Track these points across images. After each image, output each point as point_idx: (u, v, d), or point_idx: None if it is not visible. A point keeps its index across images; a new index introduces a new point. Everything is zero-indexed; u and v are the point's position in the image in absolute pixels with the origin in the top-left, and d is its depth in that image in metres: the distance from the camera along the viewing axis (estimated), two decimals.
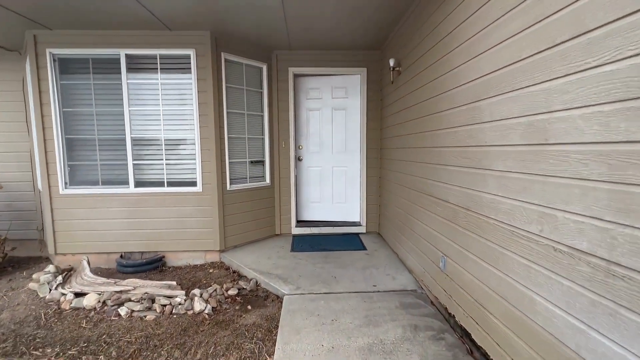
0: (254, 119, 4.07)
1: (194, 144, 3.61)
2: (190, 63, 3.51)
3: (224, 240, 3.77)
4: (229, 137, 3.78)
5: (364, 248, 3.87)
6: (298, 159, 4.57)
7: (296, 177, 4.59)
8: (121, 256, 3.64)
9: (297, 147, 4.58)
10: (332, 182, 4.59)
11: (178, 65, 3.54)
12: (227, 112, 3.75)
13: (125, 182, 3.59)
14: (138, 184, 3.62)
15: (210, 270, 3.56)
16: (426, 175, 2.72)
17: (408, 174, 3.21)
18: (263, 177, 4.23)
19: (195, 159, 3.62)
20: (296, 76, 4.47)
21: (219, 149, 3.65)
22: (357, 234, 4.43)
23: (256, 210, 4.12)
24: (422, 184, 2.81)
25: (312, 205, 4.66)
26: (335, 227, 4.45)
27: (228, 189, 3.78)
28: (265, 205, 4.23)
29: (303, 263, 3.42)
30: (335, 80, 4.41)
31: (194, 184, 3.66)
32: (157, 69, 3.51)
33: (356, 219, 4.60)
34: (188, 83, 3.54)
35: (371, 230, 4.51)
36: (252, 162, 4.07)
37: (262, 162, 4.20)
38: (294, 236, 4.37)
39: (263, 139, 4.18)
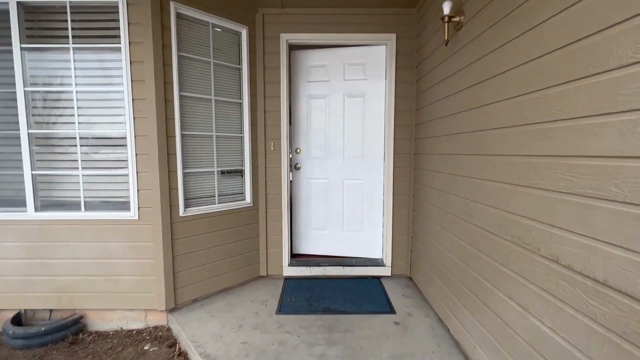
0: (228, 108, 2.75)
1: (126, 144, 2.31)
2: (118, 17, 2.22)
3: (173, 293, 2.45)
4: (183, 135, 2.46)
5: (391, 310, 2.47)
6: (295, 167, 3.22)
7: (291, 193, 3.24)
8: (15, 317, 2.36)
9: (294, 151, 3.22)
10: (342, 201, 3.21)
11: (100, 24, 2.25)
12: (181, 96, 2.44)
13: (21, 204, 2.33)
14: (43, 206, 2.34)
15: (147, 347, 2.24)
16: (527, 212, 1.31)
17: (471, 200, 1.80)
18: (241, 195, 2.89)
19: (127, 168, 2.32)
20: (292, 47, 3.12)
21: (165, 152, 2.34)
22: (378, 279, 3.03)
23: (230, 244, 2.79)
24: (511, 224, 1.41)
25: (314, 233, 3.29)
26: (346, 267, 3.06)
27: (182, 214, 2.46)
28: (244, 235, 2.89)
29: (292, 343, 2.05)
30: (349, 53, 3.04)
31: (125, 206, 2.35)
32: (67, 27, 2.23)
33: (377, 254, 3.20)
34: (115, 48, 2.25)
35: (399, 272, 3.09)
36: (223, 172, 2.75)
37: (239, 173, 2.86)
38: (287, 280, 3.01)
39: (242, 138, 2.85)
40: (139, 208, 2.33)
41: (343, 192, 3.20)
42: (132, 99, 2.25)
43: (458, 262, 1.99)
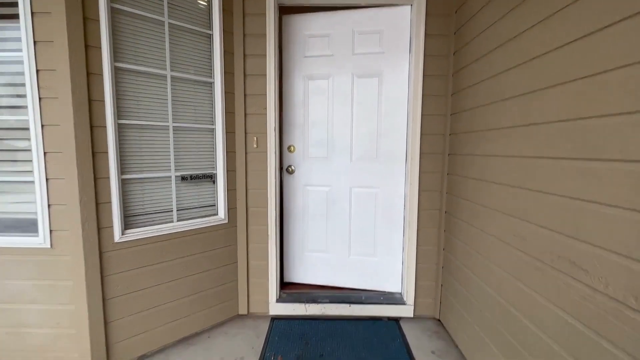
0: (192, 89, 1.99)
1: (29, 138, 1.57)
2: None
3: (105, 352, 1.71)
4: (120, 125, 1.71)
5: None
6: (287, 170, 2.45)
7: (281, 204, 2.47)
8: None
9: (286, 150, 2.45)
10: (349, 215, 2.43)
11: None
12: (116, 69, 1.68)
13: None
14: None
15: None
16: None
17: (572, 237, 0.99)
18: (212, 208, 2.14)
19: (32, 174, 1.58)
20: (284, 10, 2.35)
21: (88, 150, 1.59)
22: (396, 321, 2.25)
23: (196, 276, 2.04)
24: None
25: (311, 257, 2.52)
26: (354, 305, 2.29)
27: (118, 239, 1.71)
28: (215, 262, 2.13)
29: None
30: (360, 17, 2.25)
31: (31, 227, 1.62)
32: None
33: (394, 287, 2.41)
34: None
35: (425, 313, 2.31)
36: (185, 178, 1.99)
37: (209, 179, 2.10)
38: (274, 321, 2.25)
39: (213, 131, 2.09)
40: (51, 232, 1.59)
41: (350, 203, 2.42)
42: (37, 70, 1.51)
43: (532, 328, 1.20)
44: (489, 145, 1.60)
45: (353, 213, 2.42)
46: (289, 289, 2.44)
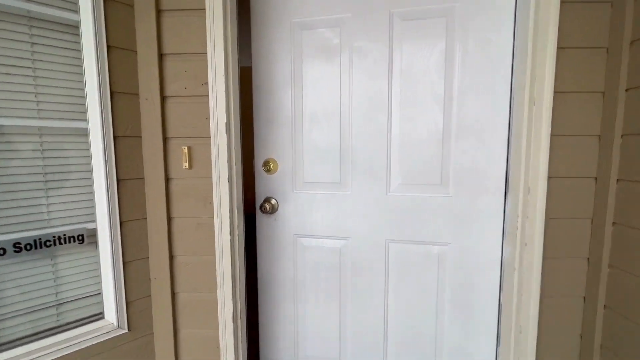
0: (24, 40, 0.84)
1: None
2: None
3: None
4: None
5: None
6: (262, 209, 1.25)
7: (253, 272, 1.30)
8: None
9: (261, 168, 1.27)
10: (384, 296, 1.22)
11: None
12: None
13: None
14: None
15: None
16: None
17: None
18: (90, 307, 0.98)
19: None
20: None
21: None
22: None
23: None
24: None
25: None
26: None
27: None
28: None
29: None
30: None
31: None
32: None
33: None
34: None
35: None
36: (18, 249, 0.84)
37: (79, 242, 0.95)
38: None
39: (85, 133, 0.94)
40: None
41: (387, 273, 1.22)
42: None
43: None
44: None
45: (393, 292, 1.22)
46: None
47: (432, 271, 1.18)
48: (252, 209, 2.96)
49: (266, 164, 1.24)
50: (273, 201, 1.27)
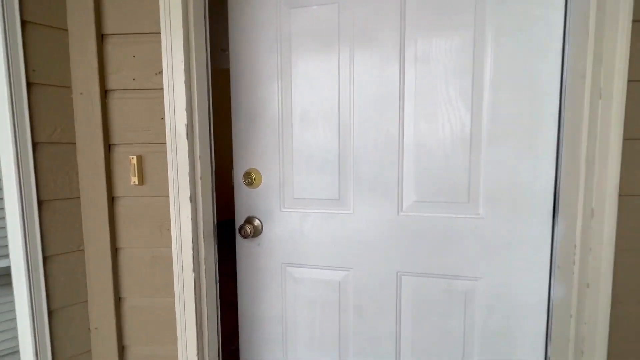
0: None
1: None
2: None
3: None
4: None
5: None
6: (240, 233, 1.00)
7: (232, 314, 1.05)
8: None
9: (241, 180, 1.03)
10: (396, 344, 0.97)
11: None
12: None
13: None
14: None
15: None
16: None
17: None
18: None
19: None
20: None
21: None
22: None
23: None
24: None
25: None
26: None
27: None
28: None
29: None
30: None
31: None
32: None
33: None
34: None
35: None
36: None
37: None
38: None
39: None
40: None
41: (399, 313, 0.96)
42: None
43: None
44: None
45: (406, 340, 0.96)
46: None
47: (457, 313, 0.92)
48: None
49: (247, 175, 1.00)
50: (256, 222, 1.02)
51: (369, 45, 0.90)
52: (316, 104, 0.95)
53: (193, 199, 0.78)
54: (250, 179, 1.00)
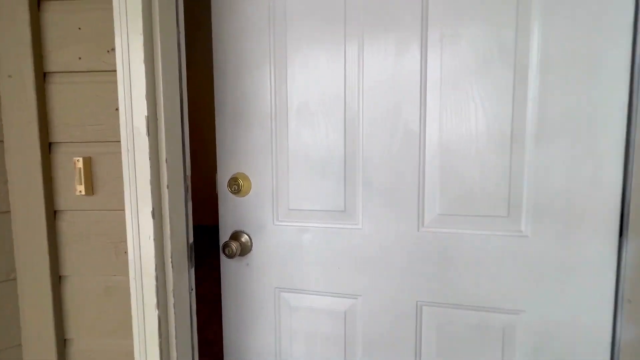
0: None
1: None
2: None
3: None
4: None
5: None
6: (225, 251, 0.82)
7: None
8: None
9: (228, 186, 0.85)
10: None
11: None
12: None
13: None
14: None
15: None
16: None
17: None
18: None
19: None
20: None
21: None
22: None
23: None
24: None
25: None
26: None
27: None
28: None
29: None
30: None
31: None
32: None
33: None
34: None
35: None
36: None
37: None
38: None
39: None
40: None
41: (418, 353, 0.78)
42: None
43: None
44: None
45: None
46: None
47: (493, 355, 0.74)
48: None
49: (234, 181, 0.82)
50: (244, 237, 0.84)
51: (383, 24, 0.72)
52: (316, 94, 0.78)
53: (157, 214, 0.60)
54: (237, 185, 0.82)
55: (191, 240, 0.73)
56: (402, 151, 0.74)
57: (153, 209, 0.59)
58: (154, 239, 0.59)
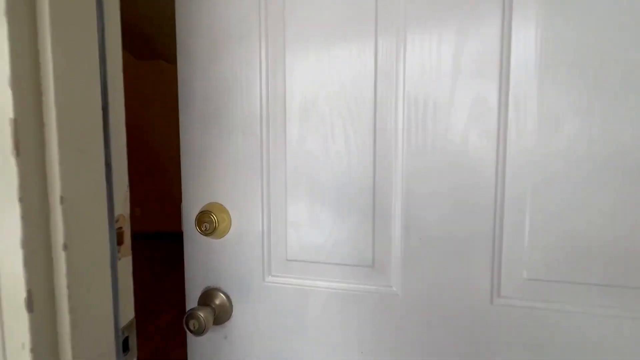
0: None
1: None
2: None
3: None
4: None
5: None
6: (188, 325, 0.54)
7: None
8: None
9: (196, 224, 0.57)
10: None
11: None
12: None
13: None
14: None
15: None
16: None
17: None
18: None
19: None
20: None
21: None
22: None
23: None
24: None
25: None
26: None
27: None
28: None
29: None
30: None
31: None
32: None
33: None
34: None
35: None
36: None
37: None
38: None
39: None
40: None
41: None
42: None
43: None
44: None
45: None
46: None
47: None
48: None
49: (204, 217, 0.54)
50: (219, 299, 0.57)
51: None
52: (331, 86, 0.50)
53: (28, 305, 0.32)
54: (209, 222, 0.54)
55: (128, 320, 0.45)
56: (462, 177, 0.46)
57: (26, 297, 0.31)
58: (31, 351, 0.32)
